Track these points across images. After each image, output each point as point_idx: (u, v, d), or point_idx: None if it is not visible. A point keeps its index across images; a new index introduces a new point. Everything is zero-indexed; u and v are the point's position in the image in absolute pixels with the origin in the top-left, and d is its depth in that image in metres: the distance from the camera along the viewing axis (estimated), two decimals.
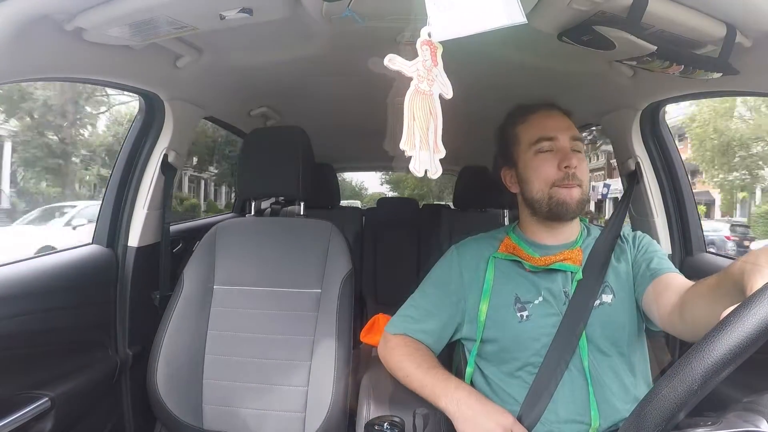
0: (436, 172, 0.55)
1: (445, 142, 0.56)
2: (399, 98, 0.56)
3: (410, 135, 0.54)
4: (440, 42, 0.55)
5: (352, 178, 28.54)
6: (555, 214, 0.96)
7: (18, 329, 1.00)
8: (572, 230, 1.02)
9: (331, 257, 1.26)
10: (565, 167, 0.94)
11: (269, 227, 1.38)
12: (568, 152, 0.95)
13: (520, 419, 0.87)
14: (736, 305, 0.40)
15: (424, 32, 0.55)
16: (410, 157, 0.54)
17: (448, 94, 0.56)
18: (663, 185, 1.39)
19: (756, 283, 0.52)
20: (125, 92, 1.37)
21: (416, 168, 0.55)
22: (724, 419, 0.42)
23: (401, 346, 0.99)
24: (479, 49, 1.12)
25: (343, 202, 3.11)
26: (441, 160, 0.56)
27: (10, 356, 0.98)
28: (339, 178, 3.11)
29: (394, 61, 0.54)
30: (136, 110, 1.41)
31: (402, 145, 0.54)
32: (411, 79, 0.55)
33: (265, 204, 2.68)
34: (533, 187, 0.97)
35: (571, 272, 0.95)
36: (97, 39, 0.90)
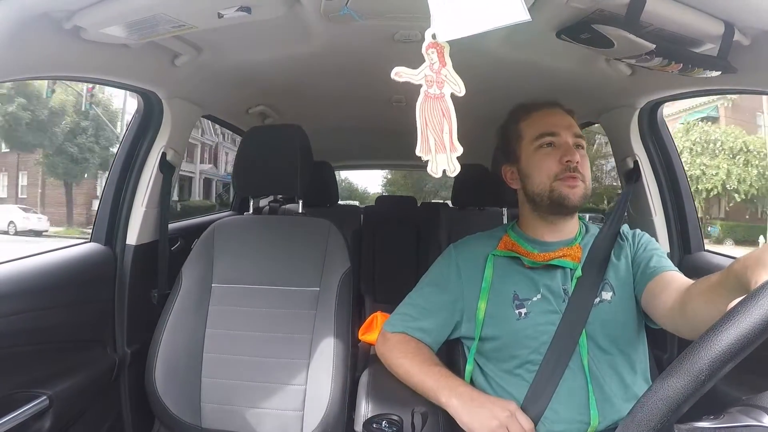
0: (454, 170, 0.55)
1: None
2: (398, 96, 0.56)
3: (424, 141, 0.54)
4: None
5: (357, 183, 28.88)
6: (556, 206, 0.96)
7: (16, 327, 0.99)
8: (571, 227, 1.02)
9: (330, 255, 1.26)
10: (567, 161, 0.94)
11: (268, 225, 1.37)
12: (570, 148, 0.96)
13: None
14: (743, 297, 0.40)
15: (428, 35, 0.54)
16: (427, 161, 0.55)
17: (461, 92, 0.55)
18: (661, 183, 1.39)
19: (761, 278, 0.52)
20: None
21: (434, 170, 0.55)
22: (727, 413, 0.42)
23: (401, 344, 0.99)
24: (476, 47, 1.12)
25: (342, 203, 3.10)
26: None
27: (8, 354, 0.98)
28: (345, 183, 3.10)
29: (400, 74, 0.54)
30: None
31: (417, 152, 0.55)
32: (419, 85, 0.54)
33: (263, 202, 2.67)
34: (534, 181, 0.98)
35: (571, 269, 0.96)
36: (96, 37, 0.89)
